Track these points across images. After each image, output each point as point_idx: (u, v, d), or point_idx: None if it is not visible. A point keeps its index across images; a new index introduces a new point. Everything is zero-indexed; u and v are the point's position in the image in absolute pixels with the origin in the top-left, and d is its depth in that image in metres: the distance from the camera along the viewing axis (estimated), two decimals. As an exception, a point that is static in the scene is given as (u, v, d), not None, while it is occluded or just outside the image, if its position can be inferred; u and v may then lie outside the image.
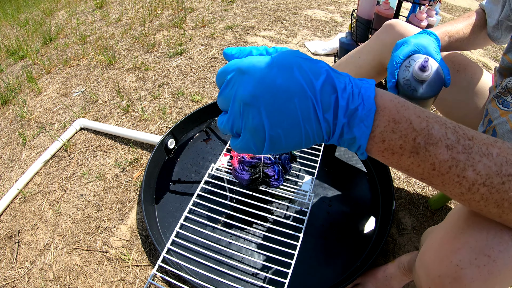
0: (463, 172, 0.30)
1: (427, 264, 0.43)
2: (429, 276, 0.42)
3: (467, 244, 0.38)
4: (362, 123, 0.29)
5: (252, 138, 0.30)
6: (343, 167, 0.99)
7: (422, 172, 0.31)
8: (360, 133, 0.29)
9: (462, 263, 0.37)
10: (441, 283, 0.40)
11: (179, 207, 0.89)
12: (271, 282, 0.73)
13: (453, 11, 2.40)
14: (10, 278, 0.79)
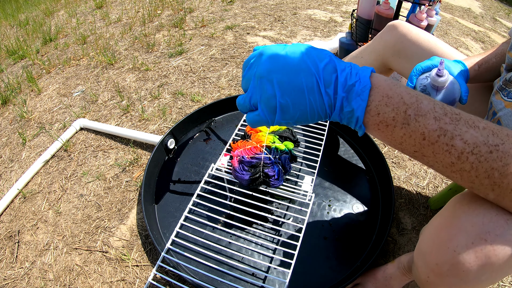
0: (451, 140, 0.33)
1: (424, 253, 0.43)
2: (427, 264, 0.42)
3: (463, 230, 0.38)
4: (358, 97, 0.34)
5: (266, 107, 0.36)
6: (343, 167, 0.99)
7: (414, 143, 0.34)
8: (357, 106, 0.34)
9: (459, 249, 0.38)
10: (440, 270, 0.40)
11: (179, 207, 0.89)
12: (271, 282, 0.73)
13: (453, 11, 2.40)
14: (10, 278, 0.79)
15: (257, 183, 0.71)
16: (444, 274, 0.40)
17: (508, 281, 0.75)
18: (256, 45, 1.62)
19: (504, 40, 0.67)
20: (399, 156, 1.05)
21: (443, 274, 0.40)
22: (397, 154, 1.06)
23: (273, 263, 0.77)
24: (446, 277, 0.40)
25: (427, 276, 0.43)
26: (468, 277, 0.38)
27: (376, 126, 0.35)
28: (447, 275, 0.40)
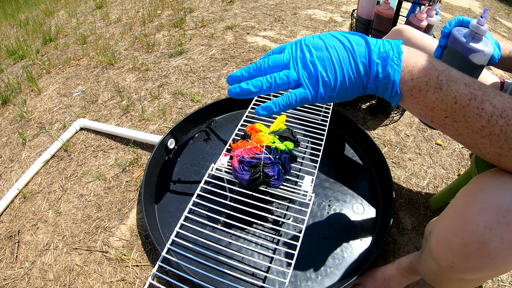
0: (481, 104, 0.34)
1: (448, 236, 0.41)
2: (453, 248, 0.40)
3: (493, 204, 0.36)
4: (393, 62, 0.36)
5: (309, 82, 0.38)
6: (343, 167, 0.99)
7: (445, 108, 0.35)
8: (392, 70, 0.36)
9: (490, 223, 0.36)
10: (468, 252, 0.38)
11: (179, 207, 0.89)
12: (271, 282, 0.73)
13: (453, 11, 2.40)
14: (10, 278, 0.79)
15: (257, 183, 0.71)
16: (473, 255, 0.38)
17: (508, 281, 0.75)
18: (256, 45, 1.62)
19: (504, 40, 0.67)
20: (399, 156, 1.05)
21: (471, 255, 0.38)
22: (397, 154, 1.06)
23: (273, 263, 0.77)
24: (475, 258, 0.38)
25: (451, 262, 0.41)
26: (499, 255, 0.36)
27: (409, 92, 0.37)
28: (476, 255, 0.37)
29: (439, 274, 0.50)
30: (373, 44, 0.37)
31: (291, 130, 0.86)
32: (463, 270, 0.40)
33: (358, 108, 1.22)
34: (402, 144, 1.09)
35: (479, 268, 0.39)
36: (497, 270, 0.38)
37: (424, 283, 0.74)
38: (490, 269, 0.38)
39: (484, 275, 0.41)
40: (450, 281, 0.49)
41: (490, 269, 0.38)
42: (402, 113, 1.19)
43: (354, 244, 0.80)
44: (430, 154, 1.07)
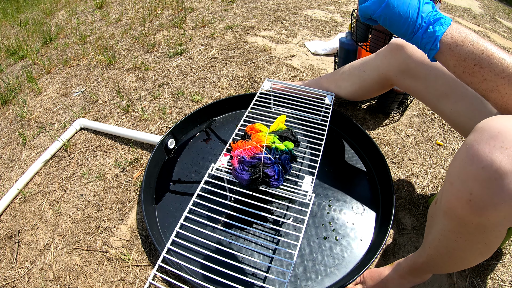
0: (502, 54, 0.47)
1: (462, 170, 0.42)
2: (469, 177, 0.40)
3: (507, 128, 0.40)
4: (441, 25, 0.50)
5: (378, 0, 0.54)
6: (343, 167, 0.99)
7: (474, 57, 0.48)
8: (439, 29, 0.50)
9: (506, 143, 0.39)
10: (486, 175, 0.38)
11: (179, 207, 0.89)
12: (271, 282, 0.73)
13: (453, 11, 2.40)
14: (10, 278, 0.79)
15: (257, 183, 0.71)
16: (492, 178, 0.37)
17: (508, 281, 0.75)
18: (256, 45, 1.62)
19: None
20: (399, 156, 1.05)
21: (491, 179, 0.37)
22: (397, 154, 1.06)
23: (273, 263, 0.77)
24: (494, 182, 0.37)
25: (469, 194, 0.40)
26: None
27: (448, 45, 0.50)
28: (495, 178, 0.37)
29: (455, 231, 0.48)
30: (435, 9, 0.52)
31: (291, 130, 0.86)
32: (483, 202, 0.39)
33: (358, 108, 1.22)
34: (402, 144, 1.09)
35: (500, 196, 0.37)
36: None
37: (425, 283, 0.74)
38: (509, 197, 0.37)
39: (503, 212, 0.39)
40: (467, 236, 0.47)
41: (510, 197, 0.37)
42: (402, 113, 1.19)
43: (354, 244, 0.80)
44: (430, 154, 1.07)
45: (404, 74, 0.83)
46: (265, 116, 1.05)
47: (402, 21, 0.52)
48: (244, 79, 1.38)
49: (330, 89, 1.07)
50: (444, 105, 0.76)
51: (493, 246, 0.50)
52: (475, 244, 0.49)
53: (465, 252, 0.52)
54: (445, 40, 0.50)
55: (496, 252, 0.81)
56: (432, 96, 0.78)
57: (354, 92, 1.01)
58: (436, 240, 0.55)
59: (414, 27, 0.52)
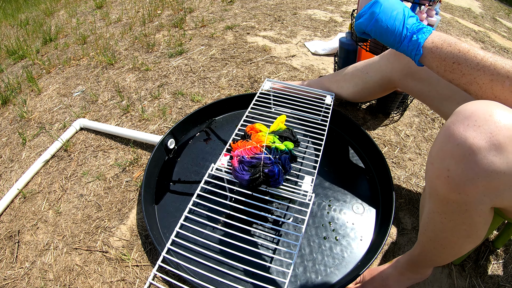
0: (476, 51, 0.53)
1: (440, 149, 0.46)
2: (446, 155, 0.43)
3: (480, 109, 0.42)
4: (423, 33, 0.58)
5: (369, 16, 0.63)
6: (343, 167, 0.99)
7: (452, 56, 0.54)
8: (421, 37, 0.57)
9: (479, 122, 0.40)
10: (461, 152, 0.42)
11: (179, 207, 0.89)
12: (271, 282, 0.73)
13: (453, 11, 2.40)
14: (10, 278, 0.79)
15: (257, 183, 0.71)
16: (466, 153, 0.40)
17: (509, 281, 0.76)
18: (256, 45, 1.62)
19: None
20: (399, 156, 1.05)
21: (465, 155, 0.40)
22: (397, 154, 1.06)
23: (273, 263, 0.77)
24: (468, 158, 0.40)
25: (447, 170, 0.43)
26: (490, 152, 0.38)
27: (429, 49, 0.57)
28: (469, 153, 0.40)
29: (439, 211, 0.51)
30: (418, 21, 0.60)
31: (291, 130, 0.86)
32: (460, 177, 0.42)
33: (358, 108, 1.22)
34: (402, 144, 1.09)
35: (474, 171, 0.40)
36: (491, 180, 0.40)
37: (425, 283, 0.74)
38: (484, 173, 0.40)
39: (480, 189, 0.41)
40: (451, 216, 0.49)
41: (485, 173, 0.40)
42: (402, 113, 1.19)
43: (354, 244, 0.80)
44: (430, 154, 1.07)
45: (407, 77, 0.84)
46: (265, 116, 1.05)
47: (390, 33, 0.60)
48: (244, 79, 1.38)
49: (331, 89, 1.07)
50: (447, 107, 0.77)
51: (479, 228, 0.51)
52: (459, 224, 0.50)
53: (452, 234, 0.53)
54: (427, 45, 0.57)
55: (496, 252, 0.81)
56: (435, 98, 0.79)
57: (357, 94, 1.01)
58: (425, 225, 0.57)
59: (400, 37, 0.59)
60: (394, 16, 0.60)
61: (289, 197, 0.78)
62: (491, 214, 0.50)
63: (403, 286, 0.70)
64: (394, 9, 0.60)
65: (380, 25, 0.61)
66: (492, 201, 0.45)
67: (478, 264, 0.79)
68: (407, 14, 0.60)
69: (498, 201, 0.45)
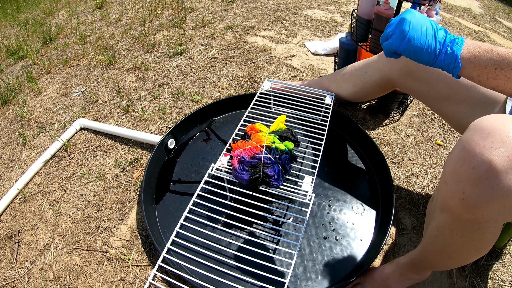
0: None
1: (455, 170, 0.43)
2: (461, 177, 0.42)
3: (497, 129, 0.42)
4: (457, 45, 0.54)
5: (399, 35, 0.58)
6: (343, 167, 0.99)
7: (493, 62, 0.52)
8: (457, 48, 0.54)
9: (495, 144, 0.39)
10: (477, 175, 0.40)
11: (179, 207, 0.89)
12: (271, 282, 0.73)
13: (453, 11, 2.40)
14: (10, 278, 0.79)
15: (257, 183, 0.71)
16: (483, 177, 0.39)
17: (508, 281, 0.76)
18: (256, 45, 1.62)
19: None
20: (399, 156, 1.05)
21: (481, 179, 0.39)
22: (397, 154, 1.06)
23: (273, 263, 0.77)
24: (484, 182, 0.39)
25: (462, 193, 0.42)
26: (508, 174, 0.37)
27: (468, 60, 0.54)
28: (485, 178, 0.39)
29: (451, 227, 0.50)
30: (449, 34, 0.56)
31: (291, 130, 0.86)
32: (475, 200, 0.41)
33: (358, 108, 1.22)
34: (402, 144, 1.09)
35: (490, 194, 0.39)
36: (508, 199, 0.39)
37: (425, 283, 0.74)
38: (501, 195, 0.39)
39: (495, 208, 0.41)
40: (462, 233, 0.49)
41: (501, 194, 0.38)
42: (402, 113, 1.19)
43: (354, 244, 0.80)
44: (430, 154, 1.07)
45: (406, 77, 0.84)
46: (265, 116, 1.05)
47: (424, 50, 0.57)
48: (244, 79, 1.38)
49: (330, 89, 1.07)
50: (446, 107, 0.77)
51: (488, 243, 0.51)
52: (470, 240, 0.50)
53: (461, 248, 0.53)
54: (464, 56, 0.54)
55: (496, 252, 0.81)
56: (434, 98, 0.79)
57: (355, 93, 1.01)
58: (433, 236, 0.56)
59: (435, 53, 0.56)
60: (425, 32, 0.56)
61: (289, 197, 0.78)
62: (501, 228, 0.50)
63: (403, 286, 0.70)
64: (423, 25, 0.56)
65: (413, 44, 0.57)
66: (506, 219, 0.45)
67: (478, 264, 0.79)
68: (436, 27, 0.57)
69: (511, 218, 0.45)
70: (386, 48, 0.62)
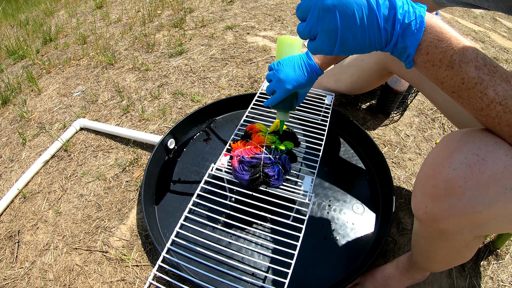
0: (486, 89, 0.36)
1: (421, 184, 0.43)
2: (425, 192, 0.42)
3: (458, 149, 0.39)
4: (413, 35, 0.37)
5: (327, 39, 0.39)
6: (343, 167, 0.99)
7: (453, 85, 0.38)
8: (410, 43, 0.37)
9: (454, 164, 0.39)
10: (436, 192, 0.41)
11: (179, 207, 0.88)
12: (271, 282, 0.73)
13: (453, 11, 2.40)
14: (10, 278, 0.79)
15: (257, 183, 0.71)
16: (441, 195, 0.40)
17: (508, 281, 0.76)
18: (256, 45, 1.62)
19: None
20: (399, 156, 1.05)
21: (440, 196, 0.40)
22: (397, 154, 1.06)
23: (273, 263, 0.77)
24: (443, 199, 0.40)
25: (425, 207, 0.43)
26: (465, 195, 0.38)
27: (423, 64, 0.39)
28: (444, 195, 0.40)
29: (423, 235, 0.52)
30: (398, 8, 0.36)
31: (291, 130, 0.86)
32: (436, 214, 0.42)
33: (358, 108, 1.22)
34: (402, 144, 1.09)
35: (449, 211, 0.40)
36: (468, 217, 0.40)
37: (424, 283, 0.74)
38: (459, 212, 0.40)
39: (457, 223, 0.42)
40: (432, 241, 0.50)
41: (459, 212, 0.40)
42: (402, 113, 1.19)
43: (354, 244, 0.80)
44: (430, 154, 1.07)
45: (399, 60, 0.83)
46: (265, 116, 1.05)
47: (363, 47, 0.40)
48: (244, 79, 1.38)
49: (329, 85, 1.07)
50: (437, 93, 0.77)
51: (462, 251, 0.52)
52: (441, 248, 0.52)
53: (435, 254, 0.54)
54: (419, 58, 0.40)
55: (496, 252, 0.81)
56: (426, 83, 0.79)
57: (354, 83, 1.00)
58: (413, 241, 0.59)
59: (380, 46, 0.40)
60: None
61: (289, 197, 0.78)
62: (477, 240, 0.51)
63: (404, 285, 0.70)
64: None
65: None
66: (473, 233, 0.45)
67: (478, 264, 0.79)
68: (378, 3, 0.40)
69: (480, 232, 0.45)
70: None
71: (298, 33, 0.43)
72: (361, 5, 0.36)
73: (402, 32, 0.37)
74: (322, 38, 0.40)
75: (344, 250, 0.79)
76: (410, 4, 0.37)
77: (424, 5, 0.38)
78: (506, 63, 1.61)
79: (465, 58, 0.36)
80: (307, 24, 0.40)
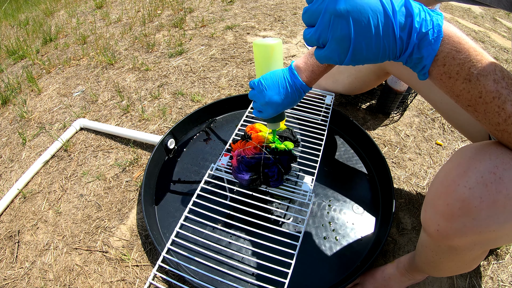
0: (503, 104, 0.34)
1: (433, 199, 0.42)
2: (437, 210, 0.41)
3: (473, 167, 0.38)
4: (430, 45, 0.34)
5: (338, 48, 0.36)
6: (343, 167, 0.99)
7: (470, 98, 0.36)
8: (427, 54, 0.35)
9: (469, 183, 0.37)
10: (450, 211, 0.39)
11: (179, 207, 0.89)
12: (271, 282, 0.73)
13: (453, 11, 2.40)
14: (10, 278, 0.79)
15: (257, 183, 0.71)
16: (455, 215, 0.39)
17: (508, 281, 0.75)
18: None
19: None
20: (399, 156, 1.05)
21: (454, 215, 0.39)
22: (397, 154, 1.06)
23: (273, 263, 0.77)
24: (457, 219, 0.39)
25: (437, 225, 0.42)
26: (481, 214, 0.37)
27: (439, 76, 0.36)
28: (458, 215, 0.39)
29: (431, 248, 0.51)
30: (415, 16, 0.33)
31: (291, 130, 0.86)
32: (448, 233, 0.41)
33: (358, 108, 1.22)
34: (402, 144, 1.09)
35: (462, 230, 0.39)
36: (482, 235, 0.39)
37: (424, 283, 0.74)
38: (473, 231, 0.39)
39: (470, 241, 0.41)
40: (441, 254, 0.50)
41: (473, 231, 0.39)
42: (402, 113, 1.19)
43: (354, 244, 0.80)
44: (430, 154, 1.07)
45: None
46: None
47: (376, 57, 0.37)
48: (244, 79, 1.38)
49: (327, 85, 1.07)
50: (434, 94, 0.76)
51: (470, 263, 0.52)
52: (449, 261, 0.51)
53: (441, 264, 0.54)
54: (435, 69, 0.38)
55: (496, 252, 0.81)
56: (423, 84, 0.78)
57: (351, 84, 1.00)
58: (418, 250, 0.59)
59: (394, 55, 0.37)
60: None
61: (289, 197, 0.78)
62: (485, 252, 0.51)
63: (404, 286, 0.70)
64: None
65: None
66: (484, 248, 0.45)
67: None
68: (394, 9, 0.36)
69: (490, 247, 0.45)
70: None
71: (304, 40, 0.39)
72: (376, 12, 0.33)
73: (419, 42, 0.34)
74: (332, 46, 0.36)
75: (344, 250, 0.79)
76: (427, 11, 0.34)
77: (441, 13, 0.36)
78: (506, 63, 1.61)
79: (483, 71, 0.34)
80: (316, 31, 0.36)
